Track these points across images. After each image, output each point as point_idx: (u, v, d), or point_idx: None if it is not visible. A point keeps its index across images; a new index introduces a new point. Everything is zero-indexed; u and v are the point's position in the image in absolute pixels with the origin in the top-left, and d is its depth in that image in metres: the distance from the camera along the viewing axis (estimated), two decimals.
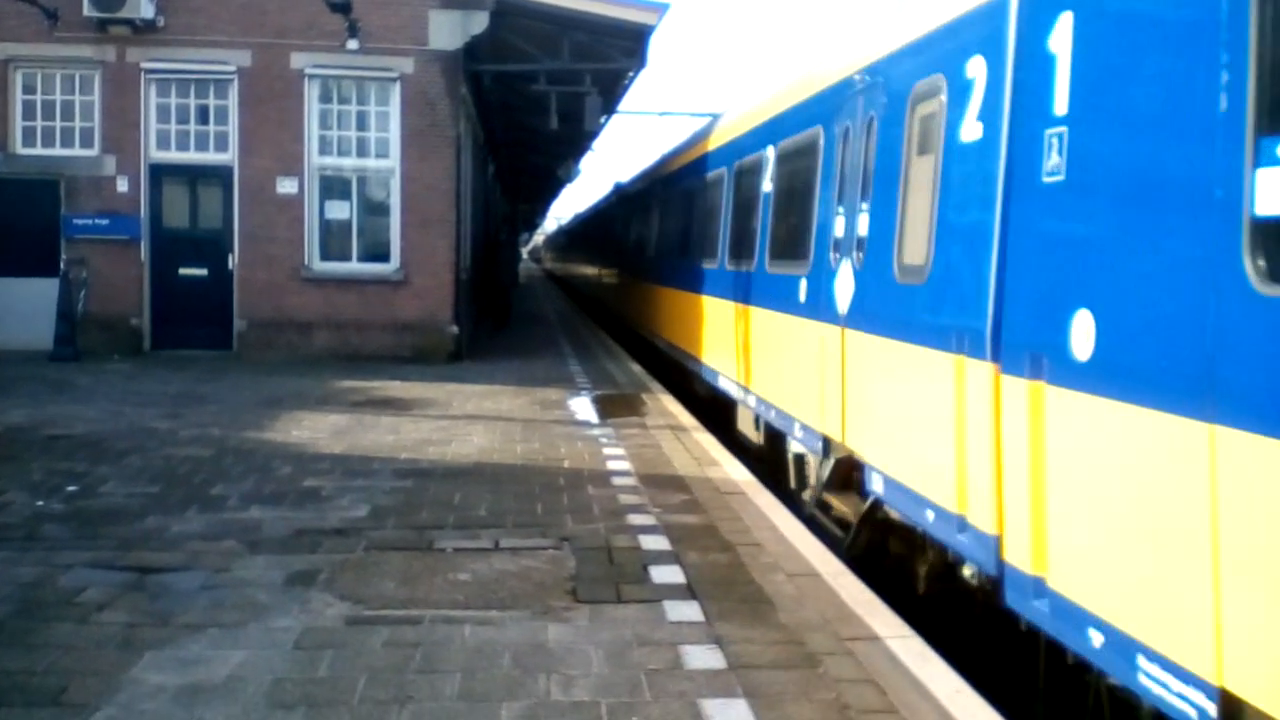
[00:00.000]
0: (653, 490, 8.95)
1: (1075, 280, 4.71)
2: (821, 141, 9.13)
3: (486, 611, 5.87)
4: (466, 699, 4.73)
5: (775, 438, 10.79)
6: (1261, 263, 3.56)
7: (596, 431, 11.70)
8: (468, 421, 12.10)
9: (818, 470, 8.93)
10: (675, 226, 17.28)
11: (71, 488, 8.54)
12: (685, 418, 12.91)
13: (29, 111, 17.68)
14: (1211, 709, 3.75)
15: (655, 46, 51.01)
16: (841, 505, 8.24)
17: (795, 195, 9.98)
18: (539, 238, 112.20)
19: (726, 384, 12.64)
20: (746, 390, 11.51)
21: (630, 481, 9.27)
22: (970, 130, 5.93)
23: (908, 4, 7.47)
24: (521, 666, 5.10)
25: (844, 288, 8.10)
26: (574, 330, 26.44)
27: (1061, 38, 4.99)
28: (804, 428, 9.17)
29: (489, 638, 5.47)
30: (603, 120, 25.19)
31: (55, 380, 14.56)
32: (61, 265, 17.34)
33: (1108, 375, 4.40)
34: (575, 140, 28.97)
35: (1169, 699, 4.01)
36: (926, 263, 6.42)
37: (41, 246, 17.56)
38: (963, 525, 5.81)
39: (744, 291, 11.73)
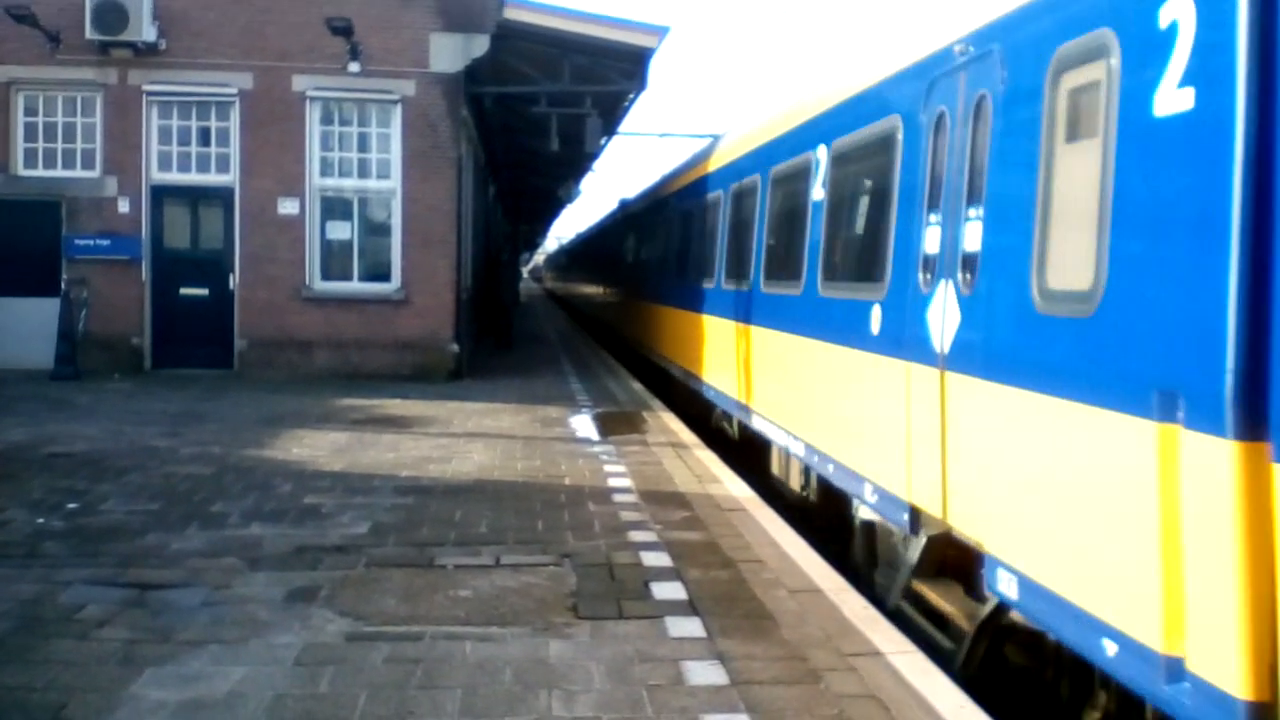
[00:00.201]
0: (654, 507, 8.93)
1: None
2: (900, 134, 7.26)
3: (488, 628, 5.86)
4: (468, 715, 4.72)
5: (830, 493, 8.97)
6: None
7: (597, 449, 11.69)
8: (468, 439, 12.09)
9: (902, 549, 7.09)
10: (698, 246, 14.98)
11: (72, 505, 8.53)
12: (686, 435, 12.90)
13: (31, 133, 17.72)
14: None
15: (655, 69, 51.11)
16: (940, 599, 6.52)
17: (859, 203, 8.37)
18: (539, 257, 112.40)
19: (762, 424, 10.81)
20: (790, 434, 9.64)
21: (631, 498, 9.25)
22: (1171, 100, 4.33)
23: None
24: (523, 683, 5.08)
25: (943, 318, 6.25)
26: (574, 349, 26.44)
27: None
28: (879, 491, 7.24)
29: (490, 654, 5.45)
30: (603, 142, 25.31)
31: (56, 399, 14.55)
32: (63, 285, 17.36)
33: None
34: (576, 161, 29.07)
35: None
36: (1096, 286, 4.71)
37: (43, 267, 17.59)
38: (1177, 671, 4.07)
39: (788, 318, 9.92)
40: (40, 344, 17.09)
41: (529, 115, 20.97)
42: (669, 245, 17.84)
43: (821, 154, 9.21)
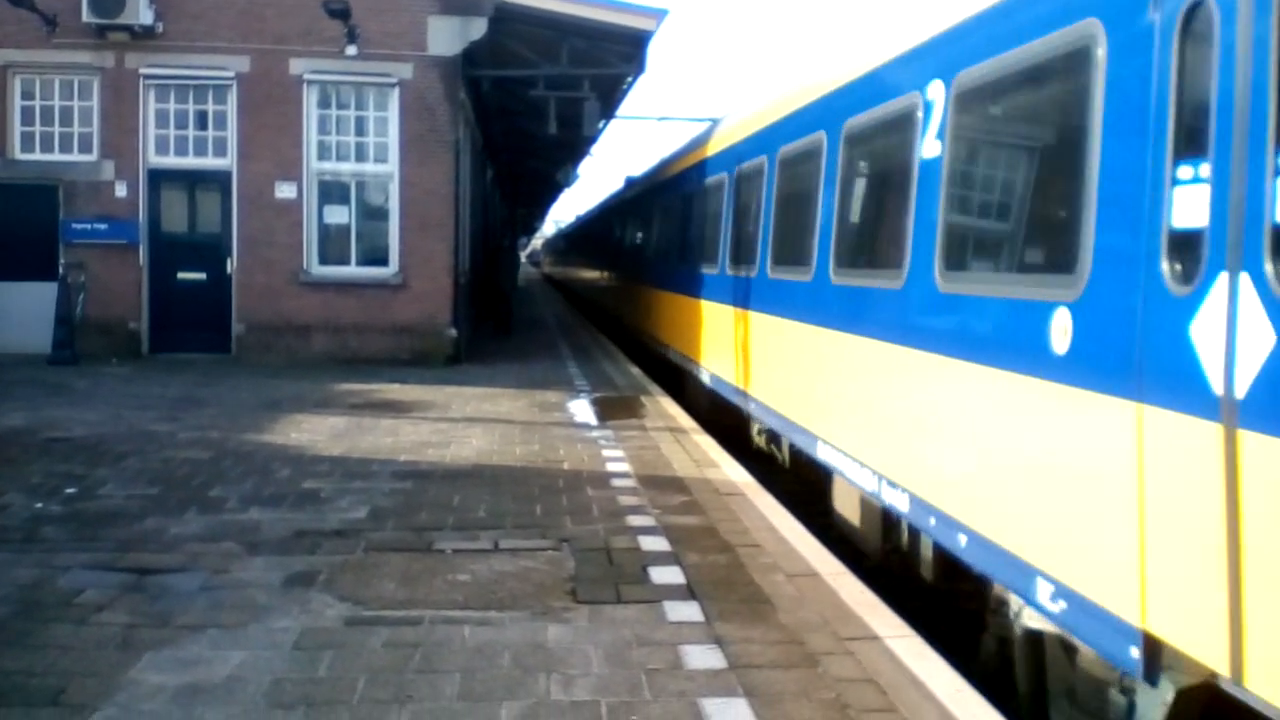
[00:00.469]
0: (652, 492, 8.94)
1: None
2: (1102, 48, 4.80)
3: (486, 612, 5.87)
4: (466, 699, 4.73)
5: (949, 565, 6.64)
6: None
7: (596, 433, 11.70)
8: (467, 424, 12.09)
9: (1117, 700, 4.91)
10: (758, 229, 11.35)
11: (70, 490, 8.53)
12: (684, 420, 12.90)
13: (28, 117, 17.66)
14: None
15: (654, 52, 51.14)
16: None
17: (1016, 155, 6.06)
18: (537, 241, 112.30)
19: (834, 455, 8.09)
20: (884, 478, 7.13)
21: (629, 483, 9.26)
22: None
23: None
24: (521, 666, 5.09)
25: (1230, 340, 3.87)
26: (572, 334, 26.43)
27: None
28: (1074, 600, 4.78)
29: (489, 638, 5.46)
30: (601, 125, 25.25)
31: (54, 384, 14.55)
32: (60, 270, 17.33)
33: None
34: (574, 145, 29.01)
35: None
36: None
37: (40, 251, 17.55)
38: None
39: (882, 321, 7.21)
40: (38, 328, 17.07)
41: (527, 98, 20.92)
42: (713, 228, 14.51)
43: (937, 92, 6.52)
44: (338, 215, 18.22)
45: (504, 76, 20.78)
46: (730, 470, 9.98)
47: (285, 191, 17.86)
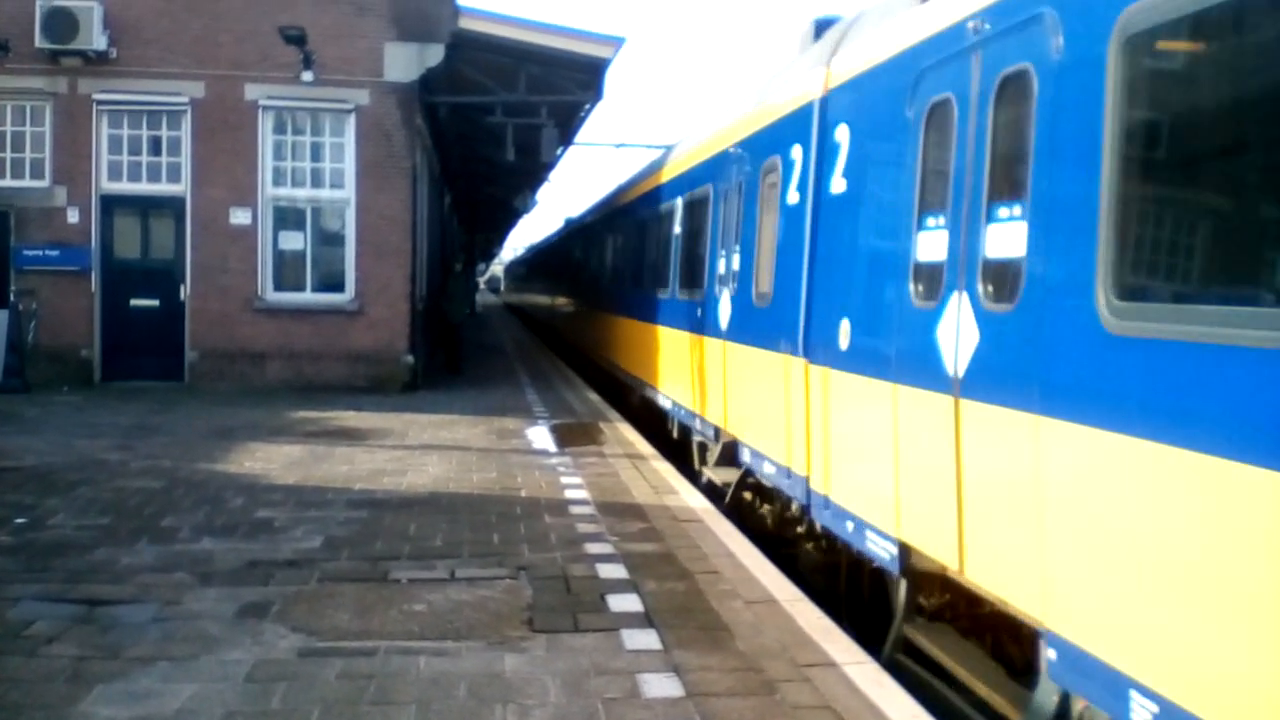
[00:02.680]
0: (610, 519, 8.92)
1: None
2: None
3: (442, 642, 5.83)
4: None
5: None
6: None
7: (554, 460, 11.67)
8: (423, 451, 12.03)
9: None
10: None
11: (20, 520, 8.40)
12: (643, 446, 12.90)
13: None
14: None
15: (611, 79, 51.36)
16: None
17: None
18: (497, 268, 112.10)
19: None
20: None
21: (588, 510, 9.24)
22: None
23: None
24: (478, 697, 5.06)
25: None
26: (531, 360, 26.38)
27: None
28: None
29: (444, 668, 5.42)
30: (559, 152, 25.28)
31: (4, 412, 14.33)
32: (11, 296, 17.13)
33: None
34: (532, 171, 29.05)
35: None
36: None
37: None
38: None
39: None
40: None
41: (485, 125, 20.94)
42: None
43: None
44: (293, 241, 18.13)
45: (462, 103, 20.79)
46: (689, 497, 9.98)
47: (240, 217, 17.75)
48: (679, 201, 13.45)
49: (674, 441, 13.50)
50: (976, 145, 5.44)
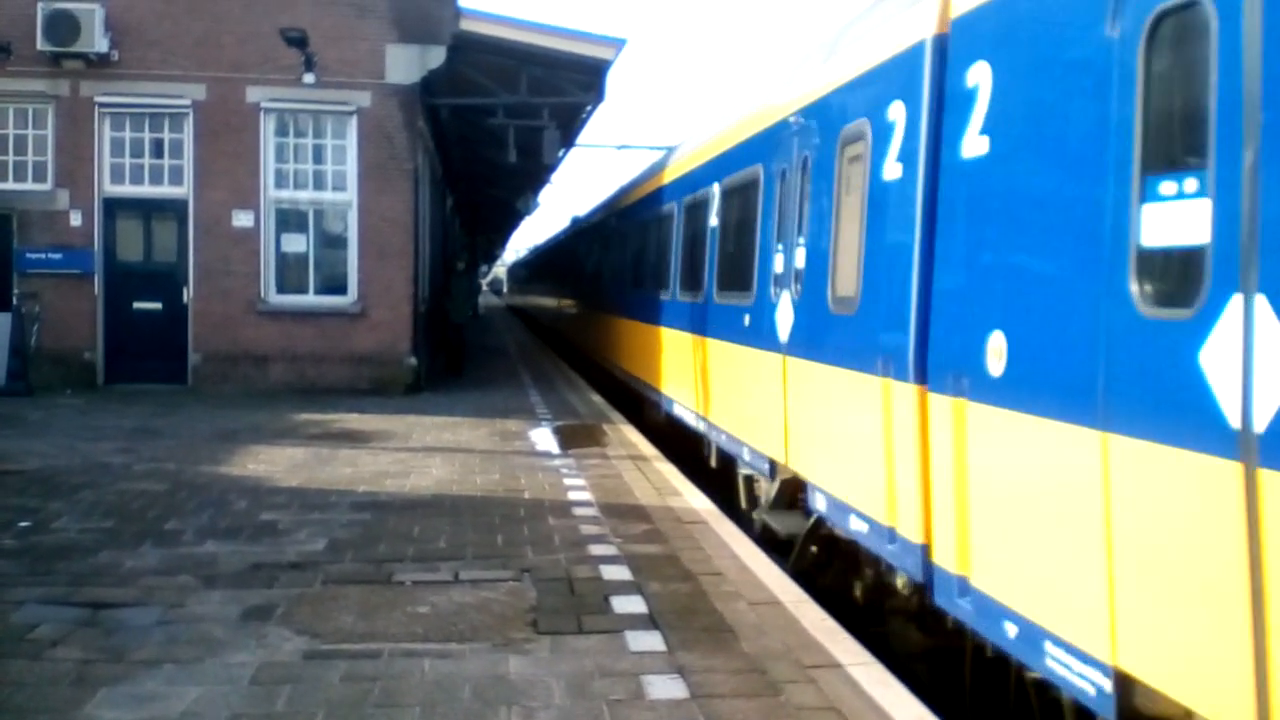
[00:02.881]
0: (614, 520, 8.92)
1: None
2: None
3: (446, 644, 5.82)
4: None
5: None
6: None
7: (557, 462, 11.66)
8: (426, 453, 12.03)
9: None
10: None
11: (24, 523, 8.41)
12: (646, 447, 12.89)
13: None
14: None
15: (613, 81, 51.38)
16: None
17: None
18: (500, 269, 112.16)
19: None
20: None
21: (591, 512, 9.24)
22: None
23: None
24: (482, 699, 5.05)
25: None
26: (534, 361, 26.38)
27: None
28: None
29: (449, 671, 5.42)
30: (561, 153, 25.29)
31: (7, 415, 14.34)
32: (14, 300, 17.14)
33: None
34: (534, 173, 29.05)
35: None
36: None
37: None
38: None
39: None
40: None
41: (486, 127, 20.95)
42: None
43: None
44: (296, 244, 18.14)
45: (463, 105, 20.79)
46: (692, 498, 9.97)
47: (242, 220, 17.76)
48: (714, 190, 11.54)
49: (711, 470, 11.67)
50: (1269, 60, 3.57)
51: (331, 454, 11.86)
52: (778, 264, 8.89)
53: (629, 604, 6.62)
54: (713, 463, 11.60)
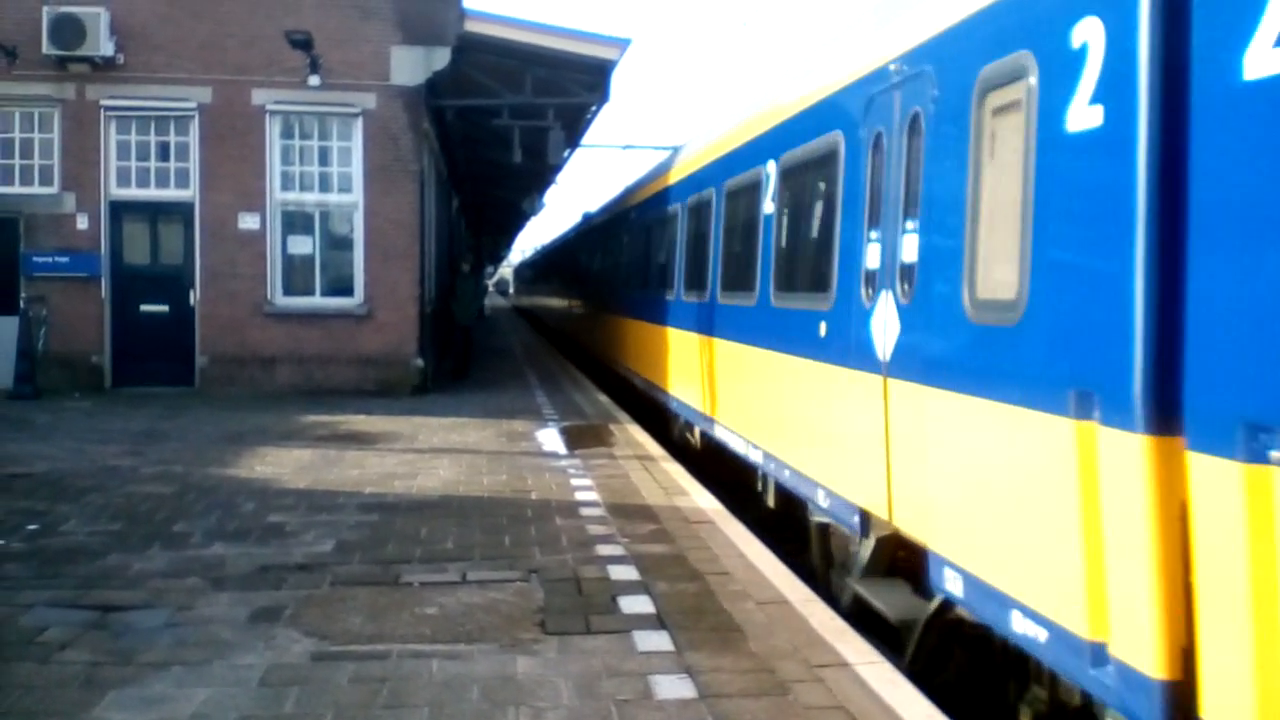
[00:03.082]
0: (621, 520, 8.92)
1: None
2: None
3: (454, 645, 5.83)
4: None
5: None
6: None
7: (564, 462, 11.66)
8: (434, 455, 12.03)
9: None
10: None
11: (32, 526, 8.42)
12: (653, 447, 12.89)
13: None
14: None
15: (617, 81, 51.42)
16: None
17: None
18: (506, 270, 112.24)
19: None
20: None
21: (598, 512, 9.23)
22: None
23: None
24: (490, 700, 5.05)
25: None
26: (540, 362, 26.38)
27: None
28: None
29: (457, 671, 5.42)
30: (566, 154, 25.30)
31: (15, 418, 14.37)
32: (21, 303, 17.16)
33: None
34: (539, 173, 29.03)
35: None
36: None
37: (1, 284, 17.38)
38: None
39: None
40: None
41: (491, 128, 20.94)
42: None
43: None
44: (302, 246, 18.15)
45: (468, 106, 20.80)
46: (699, 498, 9.96)
47: (249, 222, 17.78)
48: (769, 170, 9.56)
49: (765, 508, 10.03)
50: None
51: (339, 455, 11.87)
52: (870, 257, 7.04)
53: (636, 604, 6.62)
54: (769, 501, 9.88)
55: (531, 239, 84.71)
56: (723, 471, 11.65)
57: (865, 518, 7.06)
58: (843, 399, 7.39)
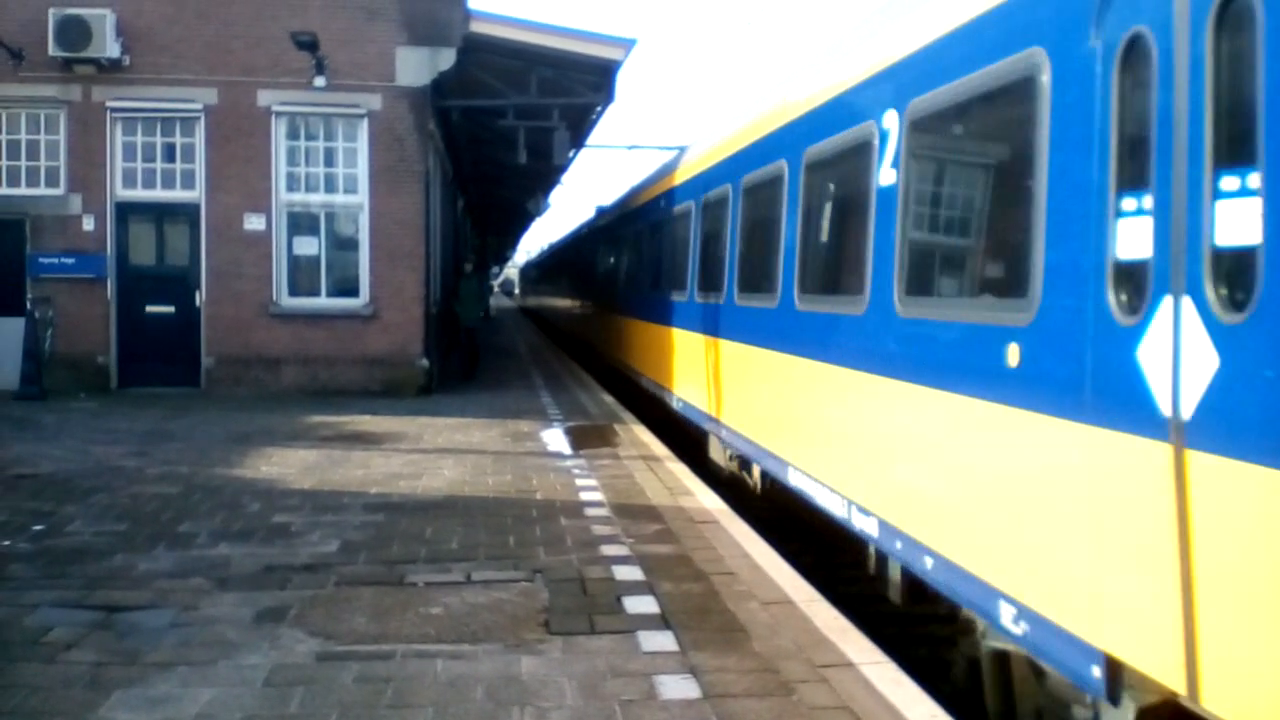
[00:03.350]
0: (626, 520, 8.92)
1: None
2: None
3: (459, 645, 5.83)
4: None
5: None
6: None
7: (569, 462, 11.67)
8: (439, 455, 12.04)
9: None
10: None
11: (38, 527, 8.44)
12: (658, 447, 12.89)
13: None
14: None
15: (623, 81, 51.41)
16: None
17: None
18: (511, 271, 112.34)
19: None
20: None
21: (603, 512, 9.23)
22: None
23: None
24: (495, 700, 5.06)
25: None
26: (545, 362, 26.39)
27: None
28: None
29: (461, 671, 5.42)
30: (571, 154, 25.30)
31: (21, 419, 14.40)
32: (28, 304, 17.20)
33: None
34: (544, 174, 29.07)
35: None
36: None
37: (7, 285, 17.43)
38: None
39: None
40: (5, 364, 16.97)
41: (496, 128, 20.96)
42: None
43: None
44: (307, 246, 18.17)
45: (473, 106, 20.82)
46: (704, 498, 9.96)
47: (254, 223, 17.80)
48: (881, 126, 6.79)
49: (886, 608, 7.77)
50: None
51: (344, 456, 11.88)
52: (1126, 239, 4.28)
53: (641, 604, 6.62)
54: (894, 596, 6.87)
55: (537, 239, 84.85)
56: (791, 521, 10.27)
57: (1113, 669, 4.29)
58: (1063, 470, 4.61)
